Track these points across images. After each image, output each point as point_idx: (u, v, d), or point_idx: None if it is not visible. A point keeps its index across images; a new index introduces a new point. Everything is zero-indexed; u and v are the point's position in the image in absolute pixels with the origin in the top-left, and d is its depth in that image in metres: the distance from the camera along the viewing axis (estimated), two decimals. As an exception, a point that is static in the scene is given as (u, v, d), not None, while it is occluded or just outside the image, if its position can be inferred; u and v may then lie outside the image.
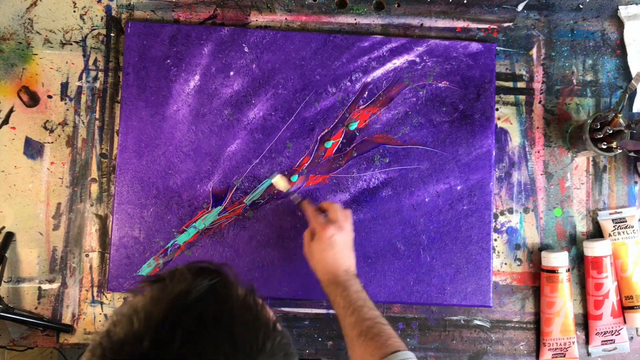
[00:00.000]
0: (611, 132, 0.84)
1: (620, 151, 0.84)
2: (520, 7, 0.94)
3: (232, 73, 0.89)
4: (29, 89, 0.89)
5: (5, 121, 0.89)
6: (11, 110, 0.89)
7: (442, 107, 0.90)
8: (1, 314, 0.82)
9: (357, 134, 0.89)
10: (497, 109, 0.92)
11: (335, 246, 0.76)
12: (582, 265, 0.90)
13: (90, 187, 0.89)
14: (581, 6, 0.94)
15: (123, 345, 0.40)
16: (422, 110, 0.90)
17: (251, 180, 0.88)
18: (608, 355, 0.89)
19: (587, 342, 0.89)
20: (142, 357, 0.39)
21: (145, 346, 0.39)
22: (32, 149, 0.89)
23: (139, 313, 0.41)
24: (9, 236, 0.87)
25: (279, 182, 0.83)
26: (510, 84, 0.93)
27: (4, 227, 0.87)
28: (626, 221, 0.89)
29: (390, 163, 0.89)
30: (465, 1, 0.93)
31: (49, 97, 0.89)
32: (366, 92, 0.90)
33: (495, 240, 0.90)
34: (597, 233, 0.92)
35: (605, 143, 0.84)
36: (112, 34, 0.91)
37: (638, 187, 0.92)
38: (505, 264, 0.91)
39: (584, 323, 0.90)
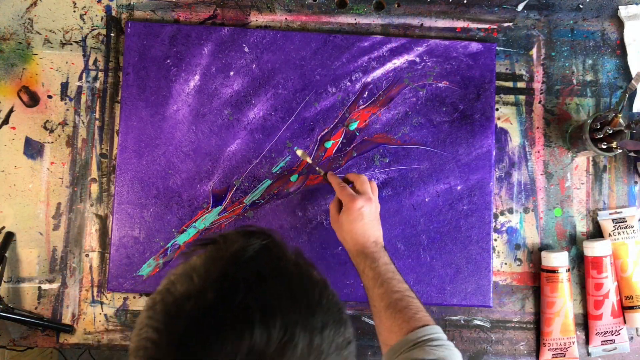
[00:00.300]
0: (611, 132, 0.84)
1: (620, 151, 0.84)
2: (520, 7, 0.94)
3: (232, 73, 0.89)
4: (29, 89, 0.89)
5: (5, 121, 0.89)
6: (11, 110, 0.89)
7: (442, 107, 0.90)
8: (1, 314, 0.82)
9: (357, 134, 0.89)
10: (497, 109, 0.92)
11: (365, 217, 0.76)
12: (582, 265, 0.90)
13: (90, 187, 0.89)
14: (581, 6, 0.94)
15: (187, 299, 0.40)
16: (422, 110, 0.90)
17: (251, 180, 0.88)
18: (608, 355, 0.89)
19: (587, 342, 0.90)
20: (208, 308, 0.39)
21: (210, 297, 0.39)
22: (32, 149, 0.89)
23: (197, 270, 0.42)
24: (9, 236, 0.87)
25: (303, 155, 0.84)
26: (510, 84, 0.93)
27: (4, 227, 0.88)
28: (626, 221, 0.89)
29: (390, 163, 0.89)
30: (465, 1, 0.93)
31: (49, 97, 0.89)
32: (366, 92, 0.90)
33: (495, 240, 0.90)
34: (597, 233, 0.92)
35: (605, 143, 0.84)
36: (112, 34, 0.91)
37: (638, 187, 0.92)
38: (505, 264, 0.90)
39: (584, 323, 0.90)
